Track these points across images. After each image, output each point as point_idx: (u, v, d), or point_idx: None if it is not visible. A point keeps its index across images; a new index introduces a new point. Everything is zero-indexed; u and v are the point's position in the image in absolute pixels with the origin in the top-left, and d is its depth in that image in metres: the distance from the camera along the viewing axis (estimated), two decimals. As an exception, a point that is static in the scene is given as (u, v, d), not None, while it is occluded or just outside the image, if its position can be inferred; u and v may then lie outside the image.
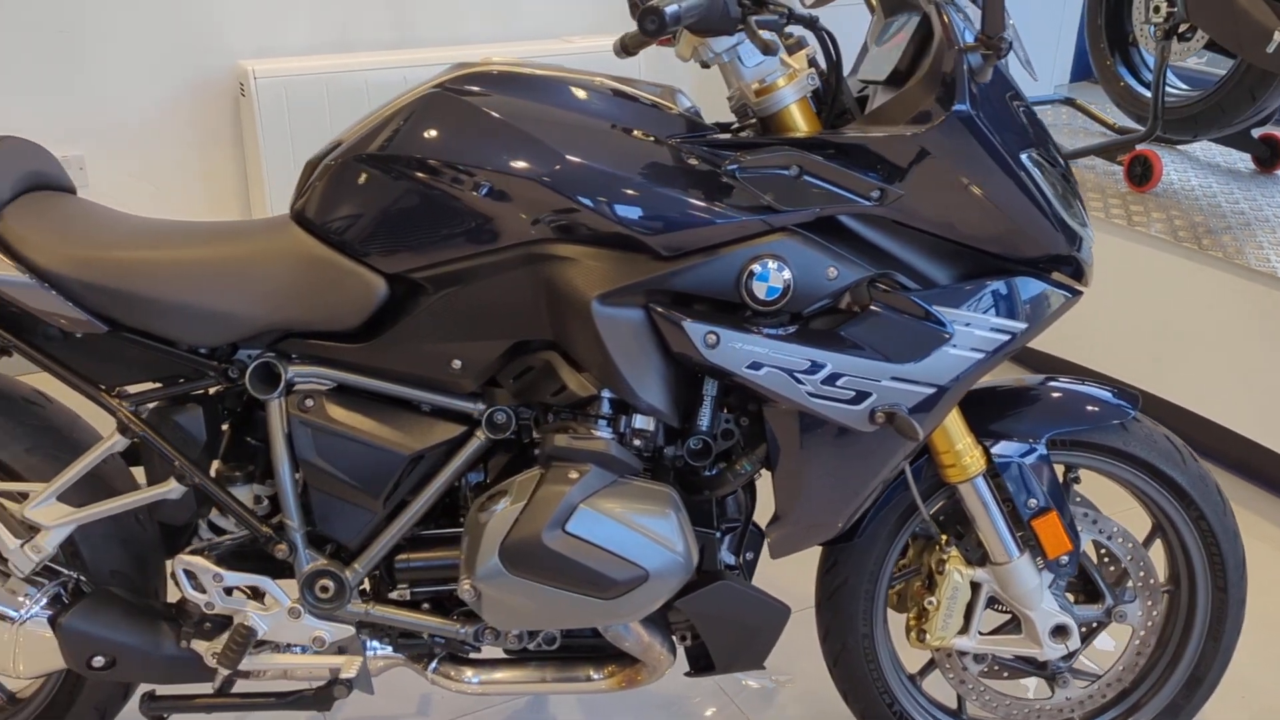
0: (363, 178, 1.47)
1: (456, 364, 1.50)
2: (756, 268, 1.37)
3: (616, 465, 1.42)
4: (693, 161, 1.41)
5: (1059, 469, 1.67)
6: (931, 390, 1.43)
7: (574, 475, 1.39)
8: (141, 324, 1.49)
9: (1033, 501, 1.62)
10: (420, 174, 1.44)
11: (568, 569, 1.39)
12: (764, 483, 1.57)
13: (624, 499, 1.40)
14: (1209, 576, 1.73)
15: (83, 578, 1.58)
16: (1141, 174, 3.06)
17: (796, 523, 1.49)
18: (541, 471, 1.42)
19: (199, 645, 1.57)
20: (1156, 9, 3.01)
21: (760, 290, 1.38)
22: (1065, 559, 1.63)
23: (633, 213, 1.38)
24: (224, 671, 1.51)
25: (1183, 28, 2.98)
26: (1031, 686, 2.03)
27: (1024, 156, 1.42)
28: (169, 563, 1.68)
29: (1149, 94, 3.24)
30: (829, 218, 1.41)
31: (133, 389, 1.57)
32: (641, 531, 1.39)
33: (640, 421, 1.44)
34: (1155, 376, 2.84)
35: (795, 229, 1.40)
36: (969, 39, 1.40)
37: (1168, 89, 3.10)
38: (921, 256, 1.45)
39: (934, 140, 1.37)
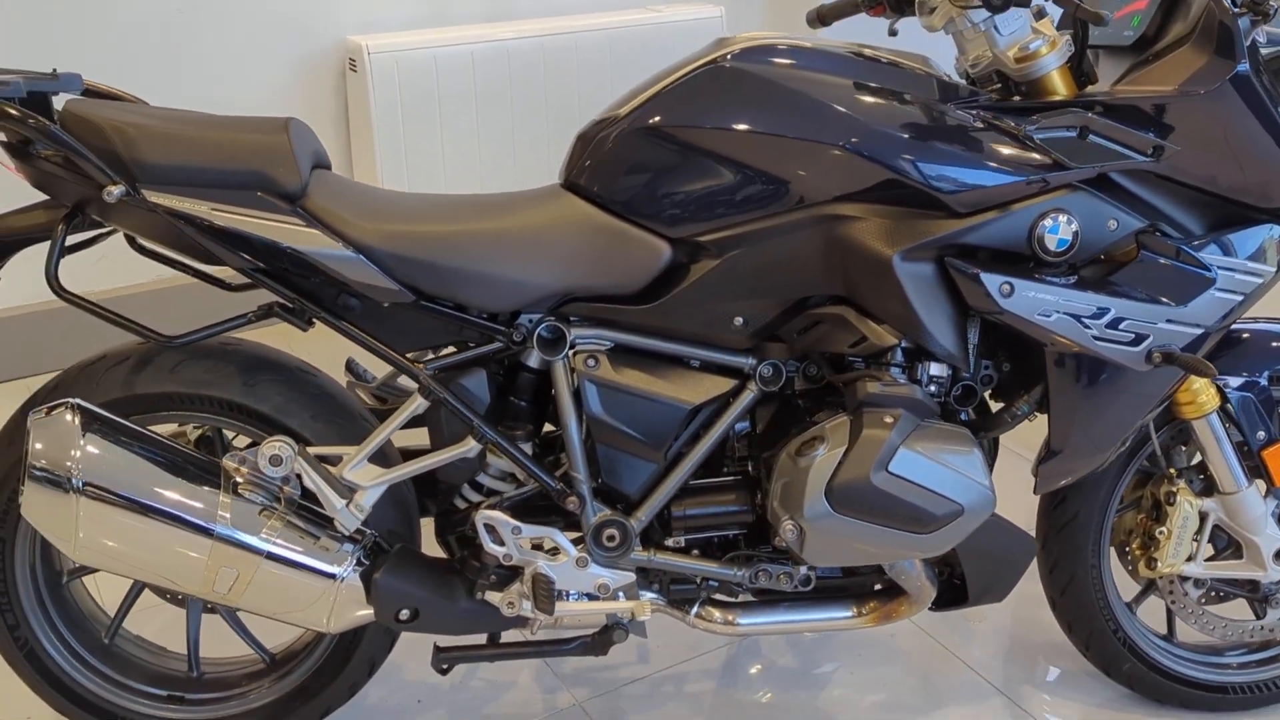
0: (649, 149, 1.54)
1: (738, 321, 1.57)
2: (1048, 221, 1.46)
3: (921, 409, 1.51)
4: (979, 124, 1.48)
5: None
6: (1199, 331, 1.52)
7: (889, 420, 1.48)
8: (443, 293, 1.56)
9: (1262, 433, 1.73)
10: (711, 144, 1.51)
11: (892, 506, 1.48)
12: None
13: (934, 440, 1.49)
14: None
15: (379, 536, 1.65)
16: None
17: (1069, 458, 1.58)
18: (851, 417, 1.51)
19: (492, 596, 1.65)
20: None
21: (1051, 243, 1.46)
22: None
23: (933, 173, 1.46)
24: (540, 618, 1.59)
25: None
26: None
27: None
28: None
29: None
30: (1102, 174, 1.50)
31: (419, 353, 1.64)
32: (954, 469, 1.48)
33: (935, 368, 1.53)
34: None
35: (1078, 184, 1.48)
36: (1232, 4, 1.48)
37: None
38: (1177, 207, 1.54)
39: (1214, 99, 1.46)
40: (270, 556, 1.52)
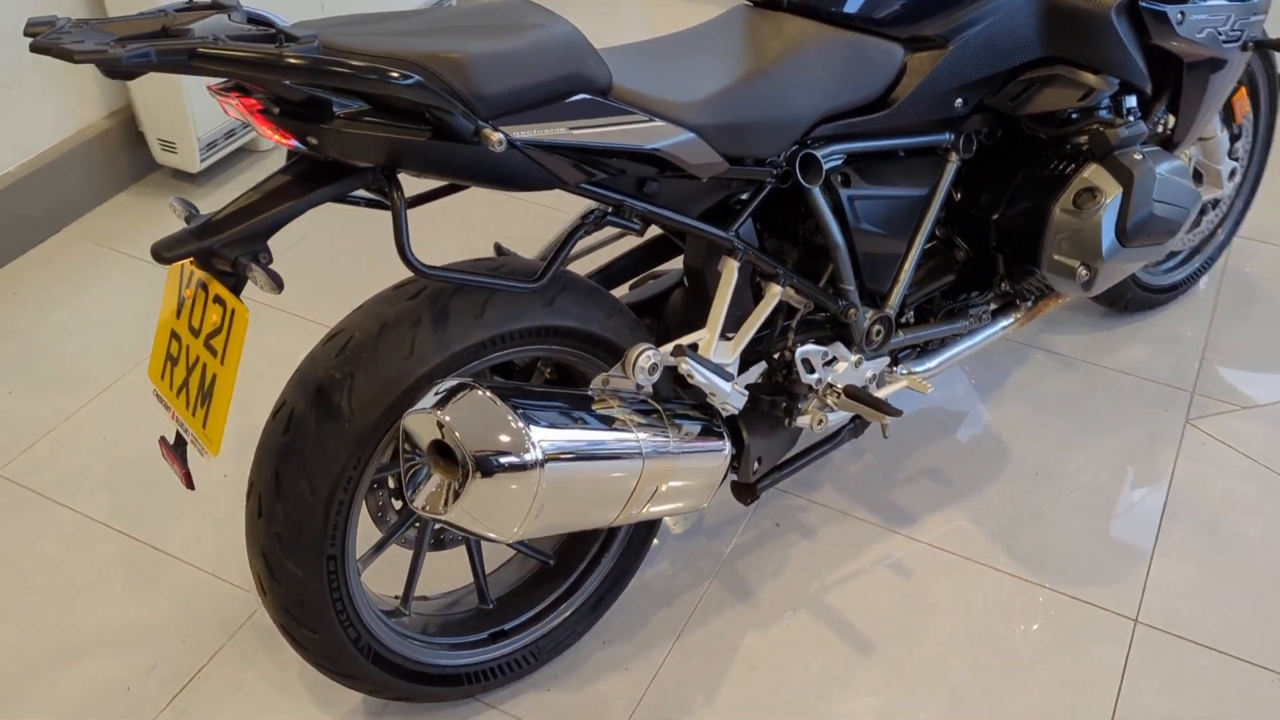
0: None
1: (958, 103, 1.71)
2: None
3: (1142, 139, 1.77)
4: None
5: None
6: (1262, 17, 1.90)
7: (1139, 157, 1.72)
8: (740, 151, 1.53)
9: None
10: None
11: (1161, 225, 1.76)
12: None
13: (1162, 160, 1.77)
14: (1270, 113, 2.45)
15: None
16: None
17: (1187, 144, 1.94)
18: (1102, 164, 1.73)
19: (800, 420, 1.74)
20: None
21: None
22: (1245, 121, 2.25)
23: (1133, -71, 1.65)
24: (889, 420, 1.70)
25: None
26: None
27: None
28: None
29: None
30: None
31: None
32: (1181, 179, 1.78)
33: (1130, 101, 1.78)
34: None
35: (1204, -86, 1.75)
36: None
37: None
38: None
39: None
40: (685, 455, 1.50)
